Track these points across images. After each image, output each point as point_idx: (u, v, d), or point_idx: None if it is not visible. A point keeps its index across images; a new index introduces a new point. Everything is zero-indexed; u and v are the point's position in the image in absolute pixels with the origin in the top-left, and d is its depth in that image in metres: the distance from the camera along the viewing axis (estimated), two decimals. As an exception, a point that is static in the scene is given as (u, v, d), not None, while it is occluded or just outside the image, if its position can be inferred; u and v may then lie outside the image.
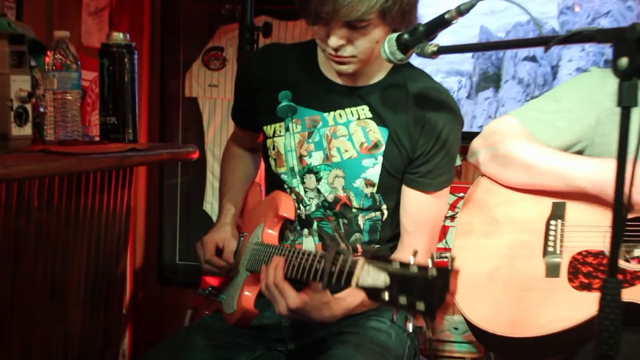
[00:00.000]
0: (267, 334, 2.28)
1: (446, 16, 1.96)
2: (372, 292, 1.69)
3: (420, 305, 1.58)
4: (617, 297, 1.60)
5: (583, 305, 2.08)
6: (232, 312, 2.22)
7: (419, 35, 1.96)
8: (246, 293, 2.17)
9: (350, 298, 2.13)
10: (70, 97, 2.38)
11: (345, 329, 2.19)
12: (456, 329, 2.33)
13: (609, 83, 2.31)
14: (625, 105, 1.52)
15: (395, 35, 1.98)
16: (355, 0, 1.99)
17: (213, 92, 3.89)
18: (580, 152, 2.34)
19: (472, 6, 1.96)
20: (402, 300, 1.62)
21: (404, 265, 1.66)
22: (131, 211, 2.81)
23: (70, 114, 2.38)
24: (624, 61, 1.52)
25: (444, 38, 2.20)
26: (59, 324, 2.50)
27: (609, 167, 2.13)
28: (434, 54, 1.96)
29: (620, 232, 1.55)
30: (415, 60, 2.15)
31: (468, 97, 3.73)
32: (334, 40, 2.07)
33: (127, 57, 2.58)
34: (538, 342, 2.17)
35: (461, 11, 1.96)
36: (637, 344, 2.03)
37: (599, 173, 2.17)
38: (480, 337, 2.25)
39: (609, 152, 2.27)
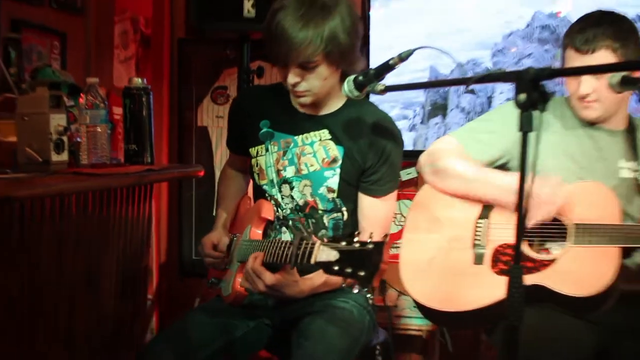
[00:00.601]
0: (257, 311, 2.28)
1: (390, 62, 1.97)
2: (327, 266, 1.76)
3: (361, 272, 1.66)
4: (519, 281, 1.65)
5: (502, 287, 2.06)
6: (228, 294, 2.24)
7: (370, 77, 1.97)
8: (238, 279, 2.18)
9: (316, 277, 2.17)
10: (99, 130, 2.37)
11: (317, 309, 2.19)
12: (415, 307, 2.34)
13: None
14: (524, 130, 1.57)
15: (352, 77, 1.99)
16: (302, 47, 2.02)
17: (219, 122, 3.86)
18: (504, 164, 2.33)
19: (410, 54, 1.98)
20: (348, 270, 1.70)
21: (350, 243, 1.73)
22: (152, 218, 2.76)
23: (100, 143, 2.37)
24: (522, 96, 1.56)
25: (408, 76, 2.22)
26: (94, 308, 2.47)
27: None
28: (382, 92, 1.98)
29: (522, 231, 1.58)
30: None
31: (422, 122, 3.67)
32: (291, 78, 2.11)
33: (145, 97, 2.56)
34: (468, 314, 2.17)
35: (402, 58, 1.98)
36: (545, 316, 2.05)
37: (511, 184, 2.20)
38: (423, 311, 2.25)
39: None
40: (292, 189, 2.29)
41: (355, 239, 1.69)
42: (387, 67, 1.98)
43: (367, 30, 3.63)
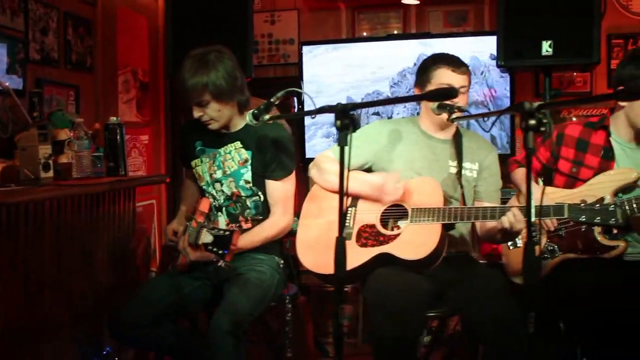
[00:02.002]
0: (201, 274, 2.30)
1: (272, 100, 2.01)
2: (205, 246, 1.98)
3: (221, 251, 1.94)
4: (343, 251, 1.68)
5: (363, 255, 2.11)
6: (178, 263, 2.28)
7: (261, 111, 2.01)
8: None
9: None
10: (83, 154, 2.37)
11: (242, 271, 2.23)
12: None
13: (385, 128, 2.38)
14: (341, 145, 1.61)
15: (252, 111, 2.02)
16: (193, 91, 2.15)
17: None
18: (369, 168, 2.34)
19: (285, 94, 2.02)
20: (216, 249, 1.94)
21: (219, 229, 1.98)
22: (135, 213, 2.71)
23: (84, 163, 2.37)
24: (338, 122, 1.61)
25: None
26: (88, 279, 2.43)
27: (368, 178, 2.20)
28: (267, 121, 2.02)
29: (343, 213, 1.61)
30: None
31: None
32: (195, 113, 2.22)
33: (118, 130, 2.55)
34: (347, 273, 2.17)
35: (278, 97, 2.00)
36: (395, 273, 2.05)
37: (369, 181, 2.23)
38: (315, 275, 2.23)
39: (382, 168, 2.32)
40: (222, 185, 2.34)
41: (226, 228, 1.81)
42: (270, 104, 2.02)
43: (301, 71, 3.64)
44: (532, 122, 1.45)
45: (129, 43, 3.56)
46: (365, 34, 3.95)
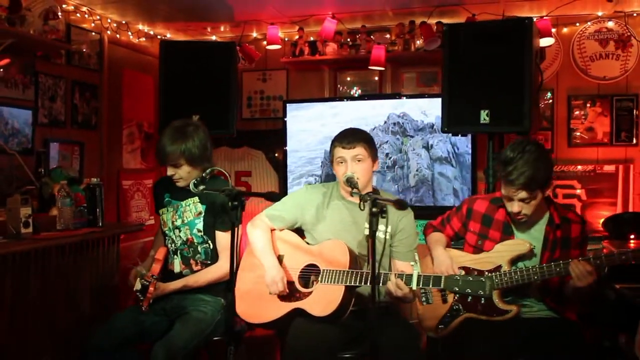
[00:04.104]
0: (159, 310, 2.51)
1: (204, 174, 2.33)
2: (135, 292, 2.28)
3: (142, 297, 2.27)
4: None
5: (283, 308, 2.30)
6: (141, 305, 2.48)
7: (197, 183, 2.28)
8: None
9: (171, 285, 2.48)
10: (65, 210, 2.66)
11: (188, 310, 2.46)
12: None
13: (311, 194, 2.54)
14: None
15: (192, 181, 2.30)
16: (171, 155, 2.44)
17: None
18: (299, 227, 2.52)
19: (212, 171, 2.34)
20: (140, 295, 2.26)
21: (147, 280, 2.30)
22: (119, 255, 2.95)
23: (66, 216, 2.65)
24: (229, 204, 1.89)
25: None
26: (72, 311, 2.68)
27: None
28: (197, 191, 2.28)
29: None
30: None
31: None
32: (169, 172, 2.52)
33: (98, 189, 2.81)
34: (268, 324, 2.35)
35: (208, 174, 2.33)
36: (308, 323, 2.21)
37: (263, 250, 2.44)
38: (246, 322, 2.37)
39: (308, 229, 2.49)
40: (180, 231, 2.60)
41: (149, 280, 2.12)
42: (203, 178, 2.34)
43: (285, 126, 3.95)
44: (375, 209, 1.72)
45: (134, 100, 3.96)
46: (346, 91, 4.23)
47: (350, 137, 2.42)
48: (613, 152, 3.72)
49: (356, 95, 4.20)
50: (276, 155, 4.24)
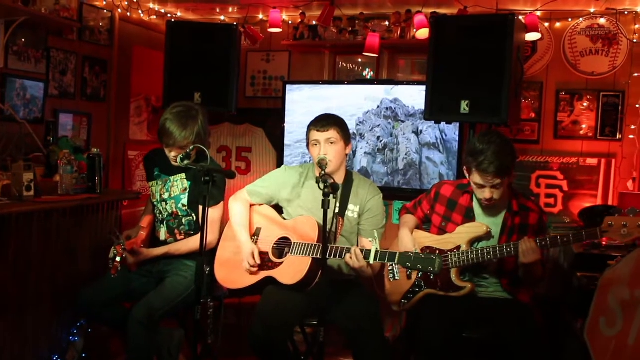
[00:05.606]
0: (146, 272, 2.71)
1: (188, 151, 2.50)
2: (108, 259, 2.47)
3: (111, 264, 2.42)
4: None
5: (256, 276, 2.48)
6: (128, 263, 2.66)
7: (183, 158, 2.44)
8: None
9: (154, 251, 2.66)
10: (67, 175, 2.77)
11: (172, 274, 2.64)
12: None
13: (288, 174, 2.68)
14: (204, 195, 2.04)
15: (180, 155, 2.49)
16: (179, 143, 2.54)
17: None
18: (277, 203, 2.67)
19: (195, 147, 2.51)
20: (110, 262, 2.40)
21: (117, 248, 2.46)
22: (118, 218, 3.09)
23: (68, 182, 2.77)
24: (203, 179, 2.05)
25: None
26: (72, 267, 2.81)
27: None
28: (184, 165, 2.42)
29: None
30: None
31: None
32: (172, 153, 2.62)
33: (97, 158, 2.90)
34: (243, 289, 2.53)
35: (191, 150, 2.50)
36: (279, 292, 2.41)
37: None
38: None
39: (284, 206, 2.64)
40: (166, 204, 2.75)
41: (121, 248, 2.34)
42: (188, 154, 2.50)
43: (284, 105, 4.07)
44: (327, 190, 1.94)
45: (143, 75, 4.10)
46: (352, 69, 4.33)
47: (324, 121, 2.56)
48: (597, 146, 3.76)
49: (360, 77, 4.27)
50: (275, 132, 4.35)
